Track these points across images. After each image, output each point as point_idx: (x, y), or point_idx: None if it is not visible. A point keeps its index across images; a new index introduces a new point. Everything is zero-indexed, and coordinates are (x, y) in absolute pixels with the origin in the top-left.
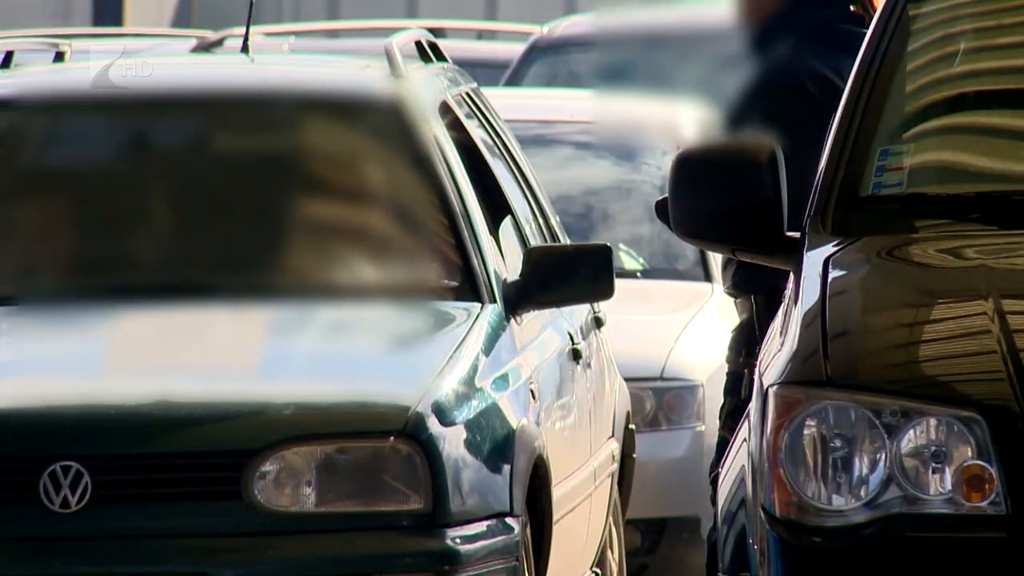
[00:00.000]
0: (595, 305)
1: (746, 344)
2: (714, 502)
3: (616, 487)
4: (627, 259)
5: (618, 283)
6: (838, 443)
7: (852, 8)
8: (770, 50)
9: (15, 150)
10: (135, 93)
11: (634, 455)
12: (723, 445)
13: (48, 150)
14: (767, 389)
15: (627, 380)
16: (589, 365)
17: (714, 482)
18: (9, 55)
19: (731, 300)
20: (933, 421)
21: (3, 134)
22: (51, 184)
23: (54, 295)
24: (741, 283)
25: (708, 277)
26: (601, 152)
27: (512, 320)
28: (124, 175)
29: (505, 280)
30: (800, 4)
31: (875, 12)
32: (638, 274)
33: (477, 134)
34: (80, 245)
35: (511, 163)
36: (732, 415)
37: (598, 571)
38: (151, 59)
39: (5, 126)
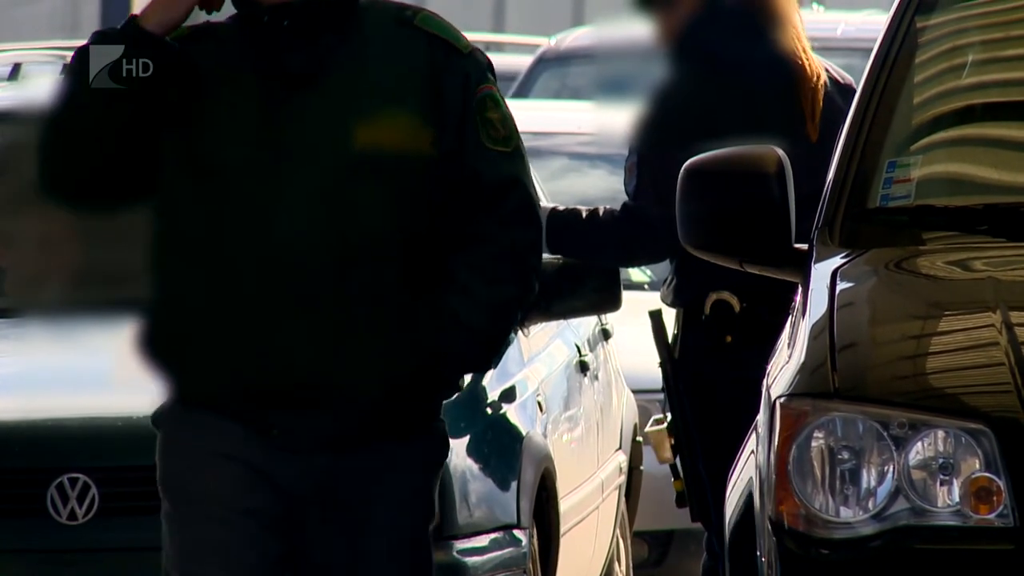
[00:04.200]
0: (602, 317)
1: None
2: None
3: (623, 499)
4: (634, 271)
5: (625, 295)
6: (846, 455)
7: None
8: (671, 75)
9: (20, 162)
10: None
11: (641, 467)
12: None
13: None
14: (775, 401)
15: (634, 392)
16: (596, 377)
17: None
18: (17, 67)
19: None
20: (941, 433)
21: (8, 146)
22: None
23: (60, 307)
24: (669, 297)
25: None
26: (596, 162)
27: (519, 332)
28: None
29: None
30: (698, 30)
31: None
32: (645, 286)
33: None
34: (85, 257)
35: None
36: None
37: None
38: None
39: (11, 138)
